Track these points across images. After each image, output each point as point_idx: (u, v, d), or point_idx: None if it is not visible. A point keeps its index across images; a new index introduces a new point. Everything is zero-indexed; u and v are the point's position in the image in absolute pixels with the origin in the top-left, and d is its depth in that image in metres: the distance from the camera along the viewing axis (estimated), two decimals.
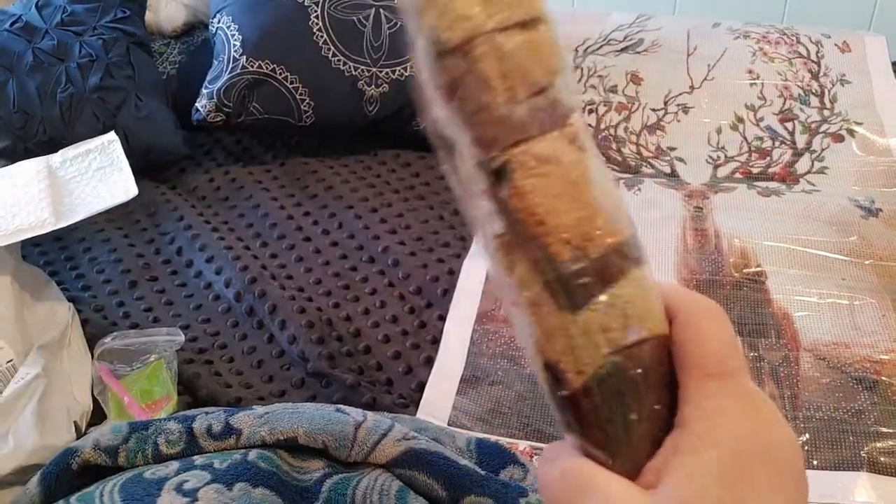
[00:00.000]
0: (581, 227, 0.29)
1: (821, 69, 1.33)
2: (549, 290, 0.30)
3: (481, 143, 0.29)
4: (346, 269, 1.04)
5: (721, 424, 0.29)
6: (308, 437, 0.52)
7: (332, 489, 0.49)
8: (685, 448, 0.29)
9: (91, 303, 0.99)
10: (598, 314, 0.29)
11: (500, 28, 0.29)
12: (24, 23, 1.23)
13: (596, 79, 1.34)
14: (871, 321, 0.92)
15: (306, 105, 1.23)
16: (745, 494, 0.28)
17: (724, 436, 0.29)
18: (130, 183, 1.01)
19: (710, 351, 0.30)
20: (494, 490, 0.51)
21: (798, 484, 0.29)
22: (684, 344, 0.30)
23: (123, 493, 0.48)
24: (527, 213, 0.29)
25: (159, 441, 0.52)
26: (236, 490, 0.47)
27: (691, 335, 0.30)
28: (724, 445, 0.28)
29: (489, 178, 0.30)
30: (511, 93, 0.29)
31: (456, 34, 0.29)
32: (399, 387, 0.88)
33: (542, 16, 0.31)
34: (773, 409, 0.30)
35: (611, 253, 0.30)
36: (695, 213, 1.11)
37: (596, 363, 0.30)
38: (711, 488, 0.28)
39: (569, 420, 0.31)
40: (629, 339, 0.30)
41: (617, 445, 0.30)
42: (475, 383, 0.88)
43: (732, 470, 0.28)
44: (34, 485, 0.52)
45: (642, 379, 0.30)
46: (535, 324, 0.30)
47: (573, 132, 0.30)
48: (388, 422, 0.54)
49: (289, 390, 0.87)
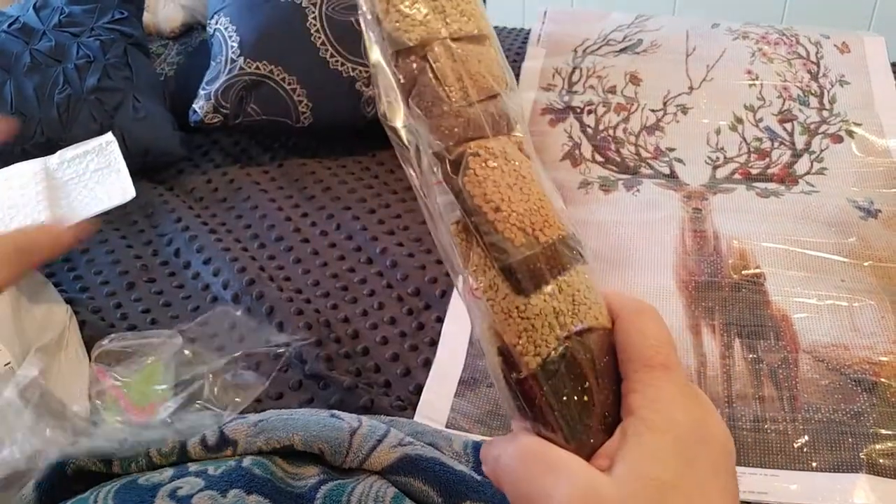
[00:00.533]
0: (532, 216, 0.32)
1: (820, 70, 1.33)
2: (504, 274, 0.32)
3: (439, 134, 0.32)
4: (344, 271, 1.04)
5: (667, 411, 0.31)
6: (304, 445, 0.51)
7: (326, 496, 0.49)
8: (637, 432, 0.30)
9: (89, 304, 0.99)
10: (550, 299, 0.31)
11: (454, 37, 0.32)
12: (21, 24, 1.22)
13: (595, 79, 1.34)
14: (870, 323, 0.92)
15: (304, 106, 1.23)
16: (694, 477, 0.29)
17: (671, 422, 0.30)
18: (128, 185, 1.01)
19: (652, 345, 0.32)
20: (490, 495, 0.50)
21: (732, 477, 0.31)
22: (628, 338, 0.32)
23: (118, 500, 0.47)
24: (483, 200, 0.31)
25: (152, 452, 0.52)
26: (230, 497, 0.47)
27: (634, 331, 0.32)
28: (672, 430, 0.30)
29: (447, 166, 0.32)
30: (464, 93, 0.32)
31: (414, 35, 0.31)
32: (397, 389, 0.88)
33: (490, 35, 0.34)
34: (709, 402, 0.32)
35: (559, 242, 0.32)
36: (693, 214, 1.10)
37: (550, 346, 0.31)
38: (668, 464, 0.29)
39: (522, 404, 0.32)
40: (579, 326, 0.32)
41: (572, 428, 0.32)
42: (473, 385, 0.88)
43: (682, 453, 0.30)
44: (29, 490, 0.52)
45: (591, 365, 0.32)
46: (491, 308, 0.32)
47: (520, 141, 0.33)
48: (384, 427, 0.54)
49: (286, 392, 0.87)
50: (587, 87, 1.33)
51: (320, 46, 1.23)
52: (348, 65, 1.23)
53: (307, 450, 0.51)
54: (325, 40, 1.23)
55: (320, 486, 0.50)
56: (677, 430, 0.30)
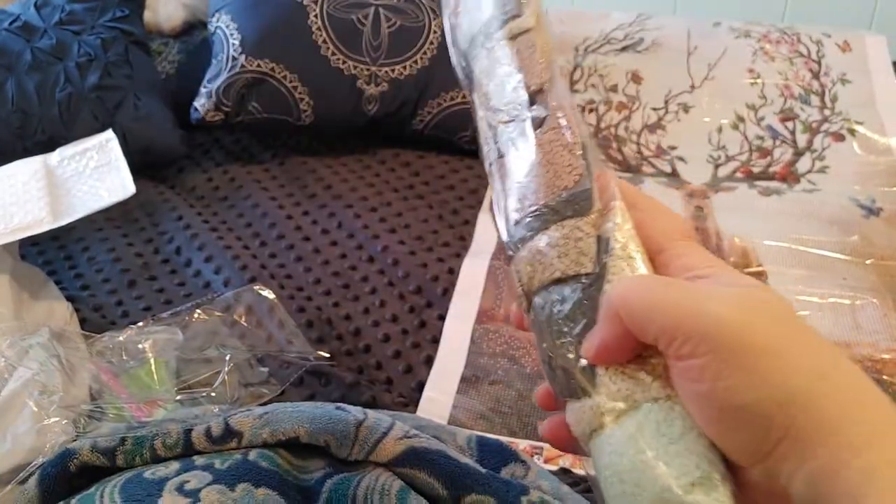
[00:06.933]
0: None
1: (821, 68, 1.33)
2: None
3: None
4: (345, 269, 1.04)
5: (723, 265, 0.32)
6: (310, 437, 0.51)
7: (332, 489, 0.49)
8: (715, 279, 0.31)
9: (89, 302, 0.98)
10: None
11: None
12: (22, 22, 1.22)
13: (596, 78, 1.34)
14: (872, 321, 0.92)
15: (305, 104, 1.23)
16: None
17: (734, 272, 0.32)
18: (128, 182, 1.01)
19: (682, 220, 0.35)
20: (496, 488, 0.50)
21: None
22: (660, 217, 0.34)
23: (124, 494, 0.47)
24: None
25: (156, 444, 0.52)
26: (239, 491, 0.47)
27: (661, 212, 0.35)
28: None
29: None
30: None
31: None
32: (399, 386, 0.88)
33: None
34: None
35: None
36: (695, 212, 1.10)
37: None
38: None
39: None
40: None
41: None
42: (475, 382, 0.87)
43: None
44: (32, 486, 0.52)
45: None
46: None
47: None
48: (389, 420, 0.53)
49: (288, 389, 0.87)
50: (588, 85, 1.33)
51: (321, 44, 1.23)
52: (349, 63, 1.23)
53: (313, 442, 0.51)
54: (327, 38, 1.23)
55: (326, 479, 0.49)
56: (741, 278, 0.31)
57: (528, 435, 0.81)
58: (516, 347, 0.91)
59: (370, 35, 1.25)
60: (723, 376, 0.27)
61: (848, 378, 0.27)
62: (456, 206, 1.15)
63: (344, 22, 1.24)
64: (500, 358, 0.90)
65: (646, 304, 0.29)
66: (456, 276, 1.00)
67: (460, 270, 1.01)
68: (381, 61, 1.24)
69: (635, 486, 0.29)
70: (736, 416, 0.27)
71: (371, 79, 1.24)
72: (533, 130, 0.37)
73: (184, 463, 0.50)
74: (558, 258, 0.33)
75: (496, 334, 0.93)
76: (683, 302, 0.29)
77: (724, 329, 0.27)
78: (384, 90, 1.24)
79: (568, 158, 0.35)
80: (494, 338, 0.92)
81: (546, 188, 0.35)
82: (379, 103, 1.25)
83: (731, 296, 0.29)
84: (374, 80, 1.24)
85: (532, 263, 0.34)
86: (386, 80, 1.24)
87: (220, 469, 0.48)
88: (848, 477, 0.25)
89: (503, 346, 0.91)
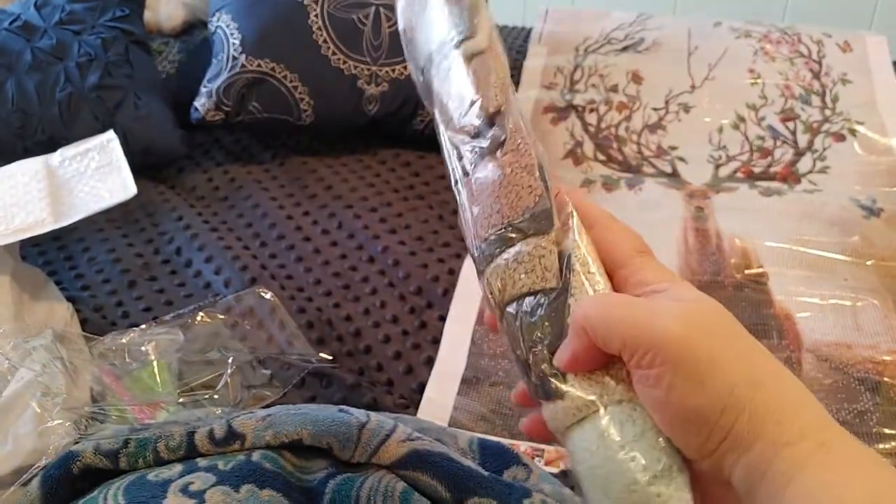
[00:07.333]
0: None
1: (822, 69, 1.33)
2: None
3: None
4: (345, 269, 1.04)
5: (678, 279, 0.36)
6: (313, 439, 0.51)
7: (335, 490, 0.49)
8: (668, 294, 0.35)
9: (90, 302, 0.98)
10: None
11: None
12: (22, 22, 1.22)
13: (597, 78, 1.34)
14: (873, 322, 0.92)
15: (306, 104, 1.23)
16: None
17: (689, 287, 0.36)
18: (130, 182, 1.01)
19: (638, 236, 0.38)
20: (498, 491, 0.50)
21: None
22: (616, 234, 0.38)
23: (128, 497, 0.47)
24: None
25: (159, 446, 0.52)
26: (244, 492, 0.47)
27: (617, 228, 0.38)
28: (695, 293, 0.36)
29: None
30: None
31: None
32: (400, 387, 0.88)
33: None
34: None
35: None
36: (696, 213, 1.10)
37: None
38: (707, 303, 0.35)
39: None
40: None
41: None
42: (476, 384, 0.88)
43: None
44: (35, 488, 0.52)
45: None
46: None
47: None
48: (392, 422, 0.53)
49: (289, 390, 0.87)
50: (589, 85, 1.33)
51: (322, 44, 1.23)
52: (350, 63, 1.23)
53: (316, 444, 0.51)
54: (327, 38, 1.23)
55: (329, 480, 0.50)
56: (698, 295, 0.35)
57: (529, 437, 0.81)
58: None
59: (371, 35, 1.24)
60: (674, 385, 0.32)
61: (779, 385, 0.32)
62: (456, 207, 1.15)
63: (344, 22, 1.24)
64: (501, 359, 0.90)
65: (607, 322, 0.33)
66: (456, 276, 1.00)
67: (461, 271, 1.01)
68: (382, 61, 1.24)
69: (606, 479, 0.34)
70: (686, 419, 0.32)
71: (371, 79, 1.24)
72: (493, 152, 0.40)
73: (187, 465, 0.50)
74: (525, 274, 0.37)
75: (497, 335, 0.93)
76: (639, 318, 0.33)
77: (673, 342, 0.32)
78: (385, 90, 1.24)
79: (528, 179, 0.39)
80: (495, 339, 0.92)
81: (509, 208, 0.39)
82: (379, 103, 1.24)
83: (679, 310, 0.33)
84: (374, 80, 1.24)
85: (502, 279, 0.38)
86: (386, 80, 1.24)
87: (223, 470, 0.48)
88: (778, 466, 0.30)
89: (504, 348, 0.91)
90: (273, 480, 0.48)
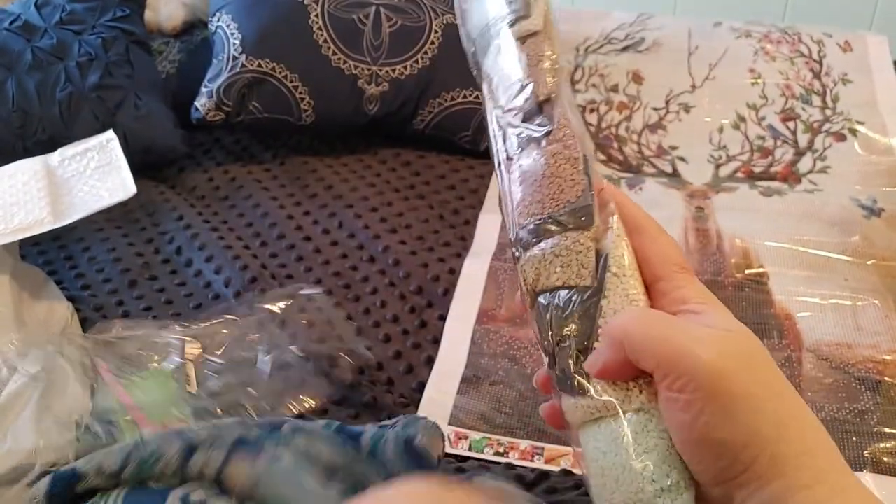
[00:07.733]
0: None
1: (822, 68, 1.33)
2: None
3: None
4: (346, 269, 1.04)
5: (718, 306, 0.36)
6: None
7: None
8: (705, 317, 0.35)
9: (90, 302, 0.98)
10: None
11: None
12: (23, 21, 1.22)
13: (597, 78, 1.34)
14: (873, 322, 0.92)
15: (306, 104, 1.23)
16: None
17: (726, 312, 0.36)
18: (129, 182, 1.01)
19: (681, 252, 0.38)
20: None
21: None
22: (662, 245, 0.37)
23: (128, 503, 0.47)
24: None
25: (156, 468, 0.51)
26: None
27: (664, 240, 0.38)
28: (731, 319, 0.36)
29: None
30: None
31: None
32: (400, 386, 0.88)
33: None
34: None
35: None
36: (696, 213, 1.10)
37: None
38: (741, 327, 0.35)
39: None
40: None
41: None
42: (476, 383, 0.87)
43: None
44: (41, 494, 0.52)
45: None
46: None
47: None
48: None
49: (290, 392, 0.86)
50: (589, 85, 1.33)
51: (322, 44, 1.23)
52: (350, 62, 1.23)
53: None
54: (328, 38, 1.23)
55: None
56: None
57: (528, 435, 0.81)
58: (517, 348, 0.91)
59: (371, 35, 1.24)
60: (704, 413, 0.32)
61: (801, 426, 0.33)
62: (457, 206, 1.15)
63: (345, 21, 1.24)
64: (501, 358, 0.90)
65: (645, 339, 0.34)
66: (457, 276, 1.00)
67: (461, 271, 1.01)
68: (382, 61, 1.24)
69: (614, 482, 0.34)
70: (709, 447, 0.32)
71: (372, 78, 1.24)
72: (539, 141, 0.39)
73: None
74: (561, 268, 0.37)
75: (497, 335, 0.93)
76: (677, 342, 0.33)
77: (709, 373, 0.32)
78: (385, 90, 1.24)
79: (571, 172, 0.38)
80: (495, 338, 0.92)
81: (550, 199, 0.38)
82: (380, 103, 1.24)
83: (717, 340, 0.33)
84: (374, 80, 1.24)
85: (537, 268, 0.38)
86: (387, 80, 1.24)
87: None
88: None
89: (504, 347, 0.91)
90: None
